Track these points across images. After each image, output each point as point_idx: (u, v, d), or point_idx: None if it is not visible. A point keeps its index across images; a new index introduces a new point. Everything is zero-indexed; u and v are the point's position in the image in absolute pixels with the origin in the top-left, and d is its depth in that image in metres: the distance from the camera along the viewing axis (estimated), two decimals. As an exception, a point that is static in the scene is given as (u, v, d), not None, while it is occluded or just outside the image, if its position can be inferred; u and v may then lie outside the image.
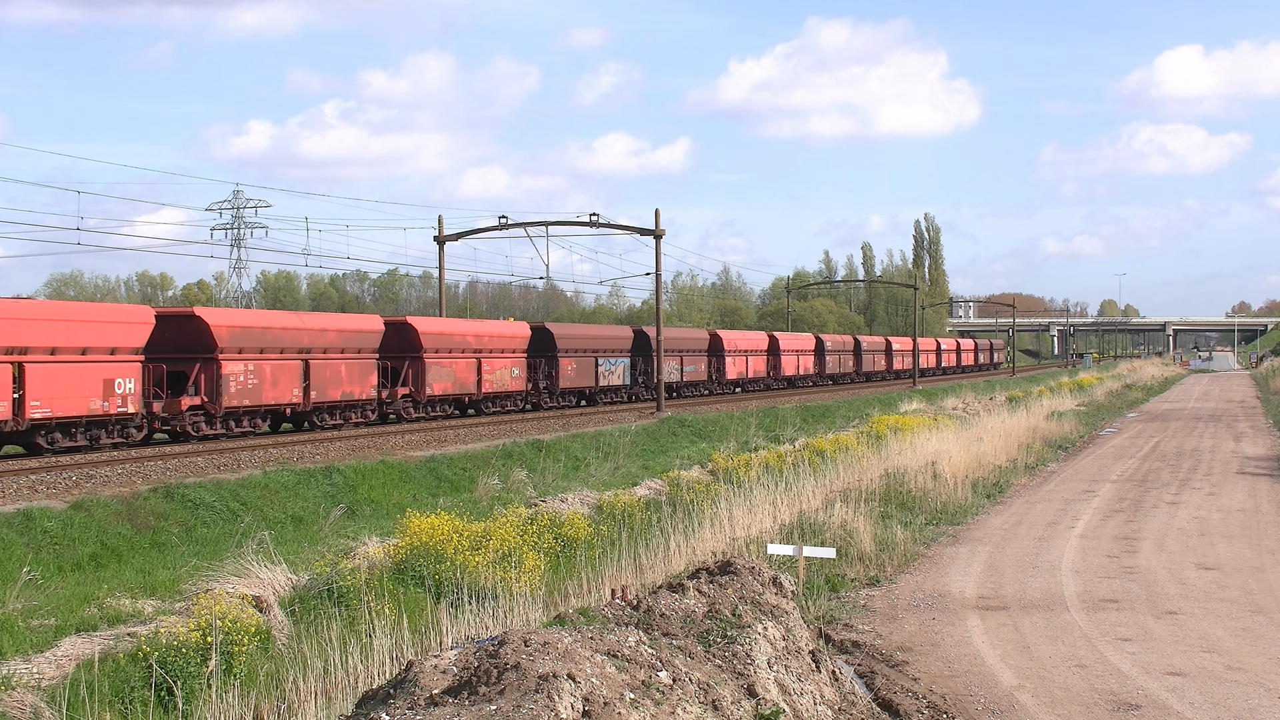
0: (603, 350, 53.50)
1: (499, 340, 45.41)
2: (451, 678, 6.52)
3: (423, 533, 15.29)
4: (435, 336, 41.50)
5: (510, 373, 45.59)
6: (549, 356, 48.96)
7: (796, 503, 20.07)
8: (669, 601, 9.19)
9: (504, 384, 45.04)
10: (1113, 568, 16.59)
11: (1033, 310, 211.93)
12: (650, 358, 55.39)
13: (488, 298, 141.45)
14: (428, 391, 40.56)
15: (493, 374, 44.35)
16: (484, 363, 43.87)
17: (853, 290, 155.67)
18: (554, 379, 49.00)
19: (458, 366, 42.38)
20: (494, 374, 44.45)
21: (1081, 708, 10.29)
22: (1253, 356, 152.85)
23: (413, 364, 40.39)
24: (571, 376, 50.18)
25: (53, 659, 11.92)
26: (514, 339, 46.46)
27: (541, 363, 48.43)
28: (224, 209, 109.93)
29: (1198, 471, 29.24)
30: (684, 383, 60.90)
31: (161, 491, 21.97)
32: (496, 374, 44.64)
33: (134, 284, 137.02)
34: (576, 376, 50.68)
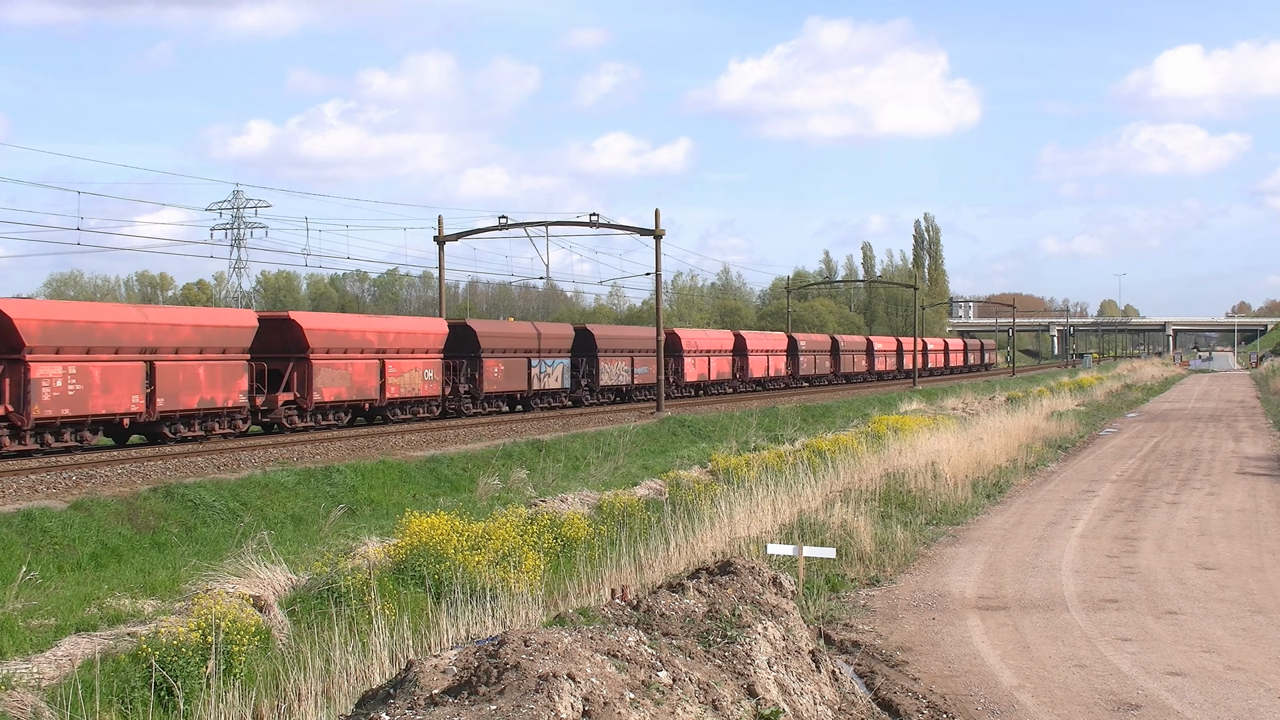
0: (537, 350, 48.64)
1: (408, 339, 40.83)
2: (451, 678, 6.52)
3: (423, 533, 15.29)
4: (325, 334, 36.85)
5: (422, 376, 40.93)
6: (471, 357, 44.53)
7: (796, 503, 20.07)
8: (669, 601, 9.19)
9: (414, 388, 40.45)
10: (1113, 568, 16.59)
11: (1033, 310, 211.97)
12: (595, 358, 52.41)
13: (488, 298, 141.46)
14: (316, 397, 35.73)
15: (399, 377, 39.70)
16: (389, 364, 39.24)
17: (853, 290, 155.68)
18: (477, 382, 44.48)
19: (355, 369, 37.68)
20: (401, 377, 39.81)
21: (1081, 708, 10.29)
22: (1253, 356, 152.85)
23: (298, 366, 35.46)
24: (498, 379, 45.63)
25: (53, 659, 11.91)
26: (427, 337, 41.91)
27: (464, 364, 44.11)
28: (224, 209, 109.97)
29: (1198, 471, 29.24)
30: (635, 385, 56.51)
31: (161, 491, 21.97)
32: (404, 377, 40.02)
33: (134, 284, 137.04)
34: (505, 379, 46.06)
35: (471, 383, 44.38)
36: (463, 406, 43.79)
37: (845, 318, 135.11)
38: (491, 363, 45.26)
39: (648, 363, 56.79)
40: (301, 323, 36.07)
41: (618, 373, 54.75)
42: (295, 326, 35.84)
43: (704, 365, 63.68)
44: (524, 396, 47.96)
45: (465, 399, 44.11)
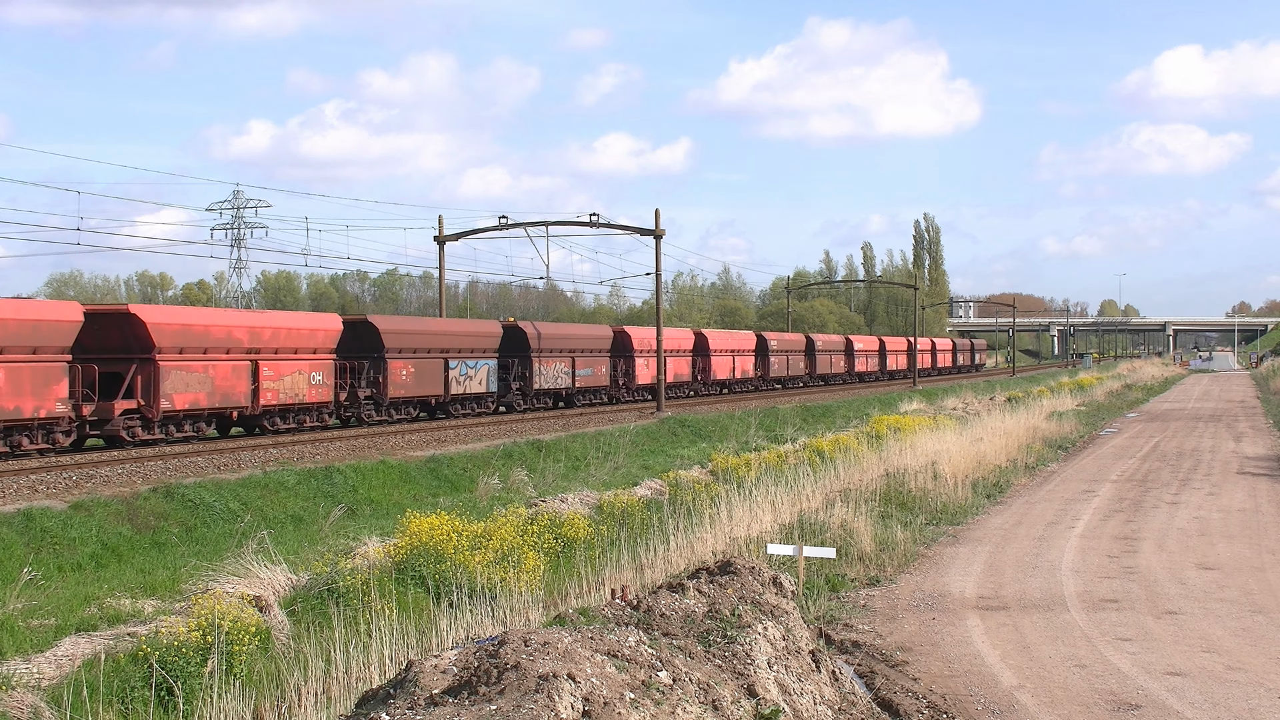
0: (456, 350, 43.43)
1: (290, 336, 35.29)
2: (451, 678, 6.52)
3: (423, 533, 15.30)
4: (177, 331, 31.42)
5: (308, 379, 35.53)
6: (374, 358, 39.40)
7: (796, 503, 20.07)
8: (669, 601, 9.19)
9: (297, 393, 35.02)
10: (1113, 568, 16.59)
11: (1033, 310, 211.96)
12: (528, 359, 47.44)
13: (488, 298, 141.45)
14: (165, 405, 30.43)
15: (278, 381, 34.27)
16: (264, 366, 33.83)
17: (853, 290, 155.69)
18: (381, 386, 39.27)
19: (218, 371, 32.12)
20: (280, 381, 34.37)
21: (1081, 708, 10.29)
22: (1253, 356, 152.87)
23: (141, 369, 30.15)
24: (407, 383, 40.38)
25: (53, 659, 11.92)
26: (315, 335, 36.49)
27: (365, 366, 38.99)
28: (224, 209, 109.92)
29: (1198, 471, 29.24)
30: (578, 389, 51.33)
31: (161, 491, 21.98)
32: (285, 381, 34.61)
33: (134, 284, 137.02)
34: (415, 383, 40.87)
35: (375, 387, 39.12)
36: (363, 413, 38.71)
37: (845, 318, 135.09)
38: (398, 364, 39.98)
39: (593, 363, 52.06)
40: (144, 317, 30.62)
41: (556, 375, 49.40)
42: (136, 322, 30.48)
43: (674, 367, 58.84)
44: (440, 402, 42.71)
45: (367, 405, 38.92)
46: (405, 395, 40.36)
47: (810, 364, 79.27)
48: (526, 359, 47.83)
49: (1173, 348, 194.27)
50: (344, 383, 37.73)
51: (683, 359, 61.37)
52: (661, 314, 51.13)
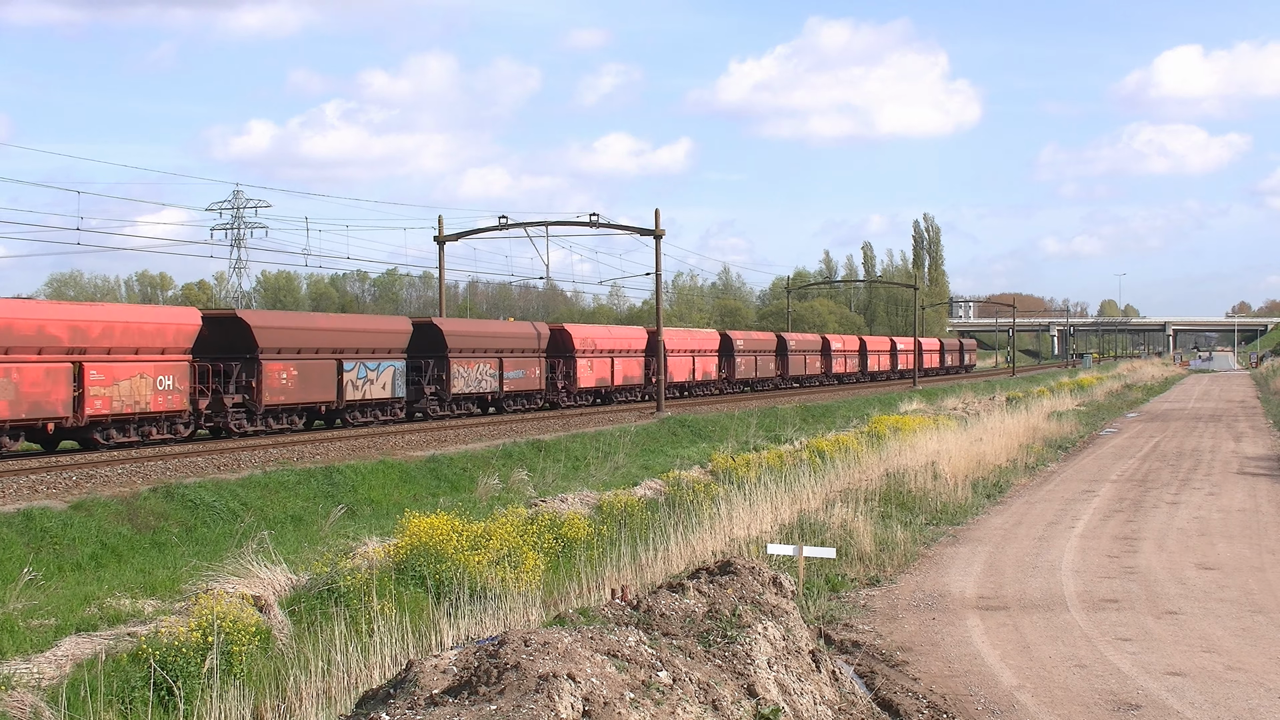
0: (354, 350, 38.08)
1: (130, 334, 29.96)
2: (451, 678, 6.52)
3: (423, 533, 15.29)
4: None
5: (154, 384, 30.30)
6: (246, 359, 33.82)
7: (796, 503, 20.07)
8: (669, 601, 9.19)
9: (139, 401, 29.80)
10: (1113, 568, 16.60)
11: (1033, 310, 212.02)
12: (445, 360, 42.50)
13: (488, 298, 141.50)
14: None
15: (112, 386, 29.01)
16: (92, 369, 28.47)
17: (853, 290, 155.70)
18: (254, 391, 33.84)
19: (25, 375, 26.69)
20: (115, 386, 29.13)
21: (1081, 708, 10.29)
22: (1253, 356, 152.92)
23: None
24: (287, 388, 34.88)
25: (53, 659, 11.92)
26: (163, 332, 31.07)
27: (236, 368, 33.46)
28: (224, 209, 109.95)
29: (1198, 471, 29.24)
30: (506, 393, 46.12)
31: (161, 491, 21.98)
32: (121, 386, 29.32)
33: (134, 284, 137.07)
34: (299, 387, 35.29)
35: (247, 392, 33.86)
36: (231, 423, 33.43)
37: (845, 318, 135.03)
38: (276, 366, 34.45)
39: (525, 365, 47.11)
40: None
41: (479, 378, 44.27)
42: None
43: (604, 368, 52.87)
44: (333, 409, 37.58)
45: (237, 413, 33.76)
46: (286, 402, 34.96)
47: (782, 365, 73.17)
48: (442, 360, 42.56)
49: (1173, 348, 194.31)
50: (207, 388, 32.46)
51: (633, 359, 55.84)
52: (662, 314, 51.08)
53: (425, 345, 42.28)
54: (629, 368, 55.34)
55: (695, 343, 62.91)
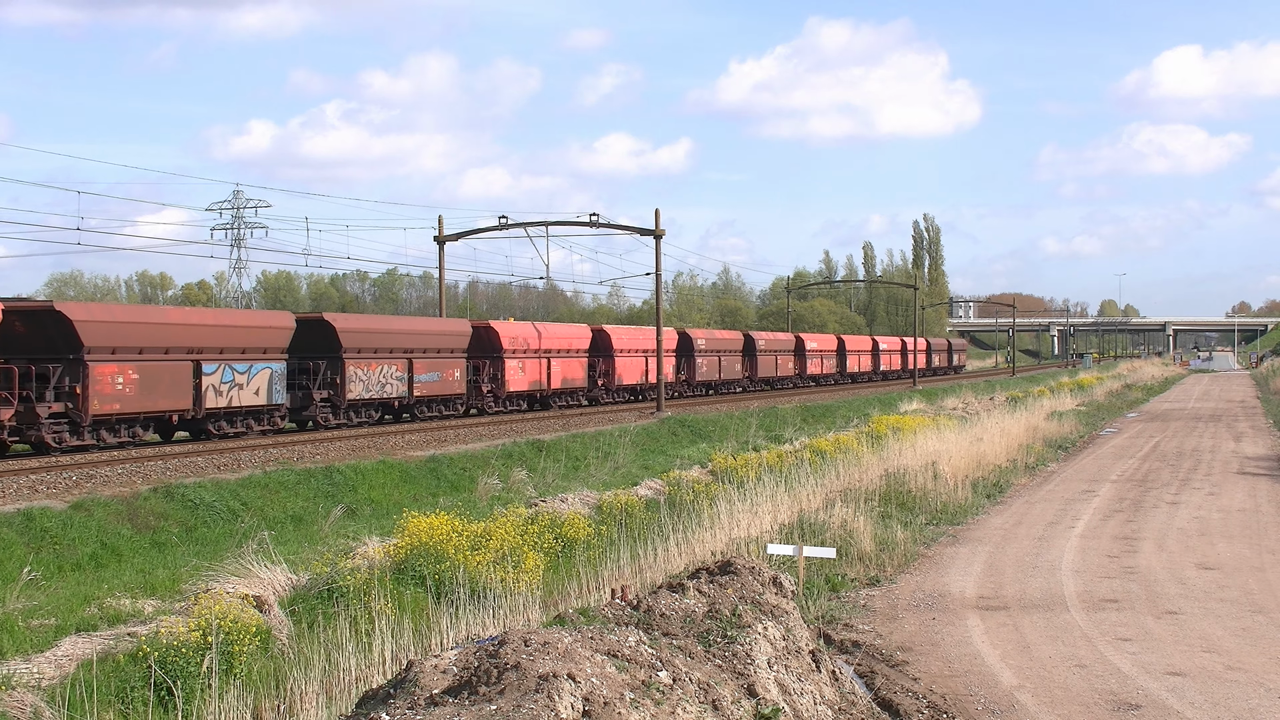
0: (217, 350, 32.45)
1: None
2: (451, 678, 6.52)
3: (422, 532, 15.30)
4: None
5: None
6: (70, 360, 28.39)
7: (796, 503, 20.07)
8: (669, 601, 9.19)
9: None
10: (1113, 567, 16.59)
11: (1033, 310, 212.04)
12: (339, 361, 36.81)
13: (488, 298, 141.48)
14: None
15: None
16: None
17: (853, 290, 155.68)
18: (80, 399, 28.27)
19: None
20: None
21: (1081, 708, 10.29)
22: (1253, 356, 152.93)
23: None
24: (126, 394, 29.33)
25: (53, 659, 11.92)
26: None
27: (57, 371, 28.16)
28: (224, 209, 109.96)
29: (1198, 471, 29.24)
30: (418, 399, 40.60)
31: (161, 491, 21.97)
32: None
33: (134, 284, 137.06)
34: (141, 394, 29.74)
35: (72, 399, 28.29)
36: (48, 436, 27.96)
37: (846, 317, 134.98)
38: (108, 369, 28.87)
39: (441, 367, 41.80)
40: None
41: (382, 381, 38.80)
42: None
43: (538, 369, 48.00)
44: (191, 419, 31.88)
45: (56, 425, 28.27)
46: (122, 411, 29.39)
47: (750, 366, 68.68)
48: (336, 361, 36.89)
49: (1173, 348, 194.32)
50: (13, 394, 27.07)
51: (574, 360, 50.89)
52: (662, 314, 51.05)
53: (315, 345, 36.69)
54: (569, 370, 50.22)
55: (648, 341, 55.83)
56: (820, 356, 79.34)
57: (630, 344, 55.81)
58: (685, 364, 61.80)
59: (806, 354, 76.47)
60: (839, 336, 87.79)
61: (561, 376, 49.60)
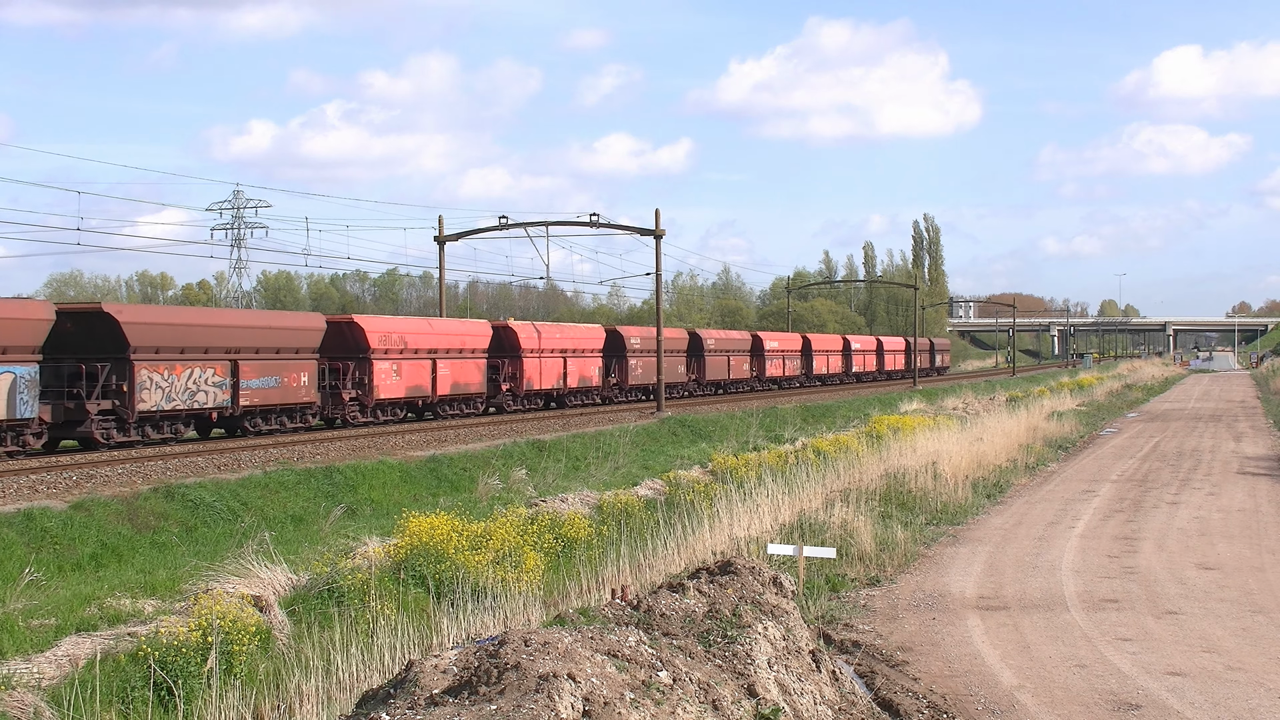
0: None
1: None
2: (452, 677, 6.52)
3: (423, 532, 15.30)
4: None
5: None
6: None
7: (797, 503, 20.07)
8: (669, 601, 9.19)
9: None
10: (1113, 568, 16.59)
11: (1033, 310, 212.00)
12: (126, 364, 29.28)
13: (488, 298, 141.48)
14: None
15: None
16: None
17: (853, 290, 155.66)
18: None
19: None
20: None
21: (1081, 708, 10.29)
22: (1253, 356, 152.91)
23: None
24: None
25: (53, 659, 11.92)
26: None
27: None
28: (224, 209, 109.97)
29: (1198, 471, 29.24)
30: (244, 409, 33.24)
31: (162, 491, 21.97)
32: None
33: (134, 284, 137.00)
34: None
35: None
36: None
37: (845, 318, 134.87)
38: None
39: (281, 370, 34.48)
40: None
41: (191, 388, 31.24)
42: None
43: (421, 372, 40.82)
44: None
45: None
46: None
47: (697, 368, 62.48)
48: (124, 364, 29.67)
49: (1173, 348, 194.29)
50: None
51: (469, 362, 43.79)
52: (662, 314, 51.05)
53: (92, 343, 29.76)
54: (463, 372, 43.03)
55: (574, 340, 50.96)
56: (782, 357, 74.18)
57: (547, 344, 50.50)
58: (695, 364, 61.34)
59: (766, 354, 71.29)
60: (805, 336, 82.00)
61: (454, 380, 42.84)
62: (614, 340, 55.43)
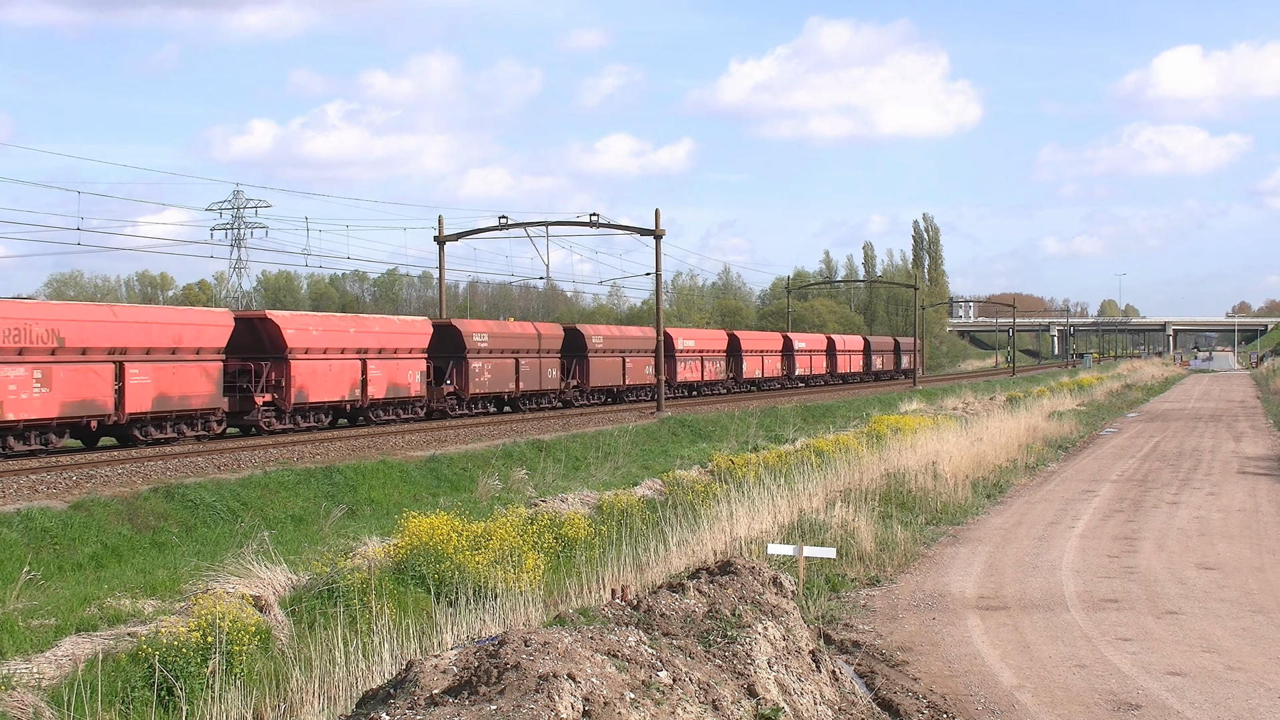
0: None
1: None
2: (452, 678, 6.52)
3: (423, 532, 15.29)
4: None
5: None
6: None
7: (797, 503, 20.06)
8: (669, 601, 9.19)
9: None
10: (1113, 567, 16.59)
11: (1033, 310, 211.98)
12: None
13: (488, 298, 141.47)
14: None
15: None
16: None
17: (853, 290, 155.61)
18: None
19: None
20: None
21: (1081, 708, 10.29)
22: (1253, 356, 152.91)
23: None
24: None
25: (53, 659, 11.92)
26: None
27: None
28: (224, 209, 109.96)
29: (1198, 471, 29.24)
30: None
31: (162, 491, 21.97)
32: None
33: (134, 284, 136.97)
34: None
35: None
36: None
37: (845, 317, 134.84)
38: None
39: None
40: None
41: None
42: None
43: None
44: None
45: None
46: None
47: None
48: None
49: (1173, 348, 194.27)
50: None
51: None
52: (662, 314, 51.02)
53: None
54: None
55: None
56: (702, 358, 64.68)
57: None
58: (576, 368, 52.06)
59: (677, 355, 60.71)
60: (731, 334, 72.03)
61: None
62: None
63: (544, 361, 48.47)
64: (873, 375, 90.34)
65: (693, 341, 62.27)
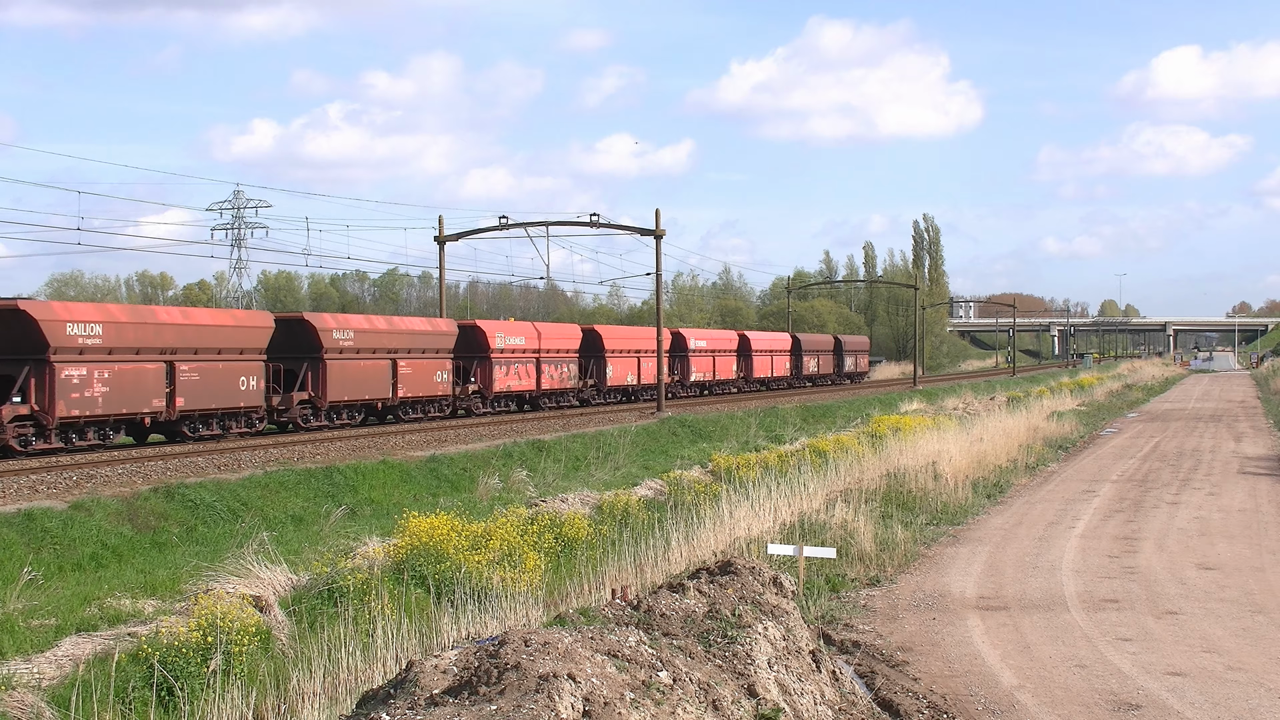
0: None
1: None
2: (452, 678, 6.52)
3: (423, 532, 15.29)
4: None
5: None
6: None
7: (797, 503, 20.07)
8: (669, 601, 9.19)
9: None
10: (1113, 568, 16.59)
11: (1033, 310, 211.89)
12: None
13: (488, 298, 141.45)
14: None
15: None
16: None
17: (853, 290, 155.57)
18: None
19: None
20: None
21: (1082, 708, 10.29)
22: (1253, 356, 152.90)
23: None
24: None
25: (53, 659, 11.92)
26: None
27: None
28: (224, 209, 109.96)
29: (1198, 471, 29.23)
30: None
31: (162, 491, 21.96)
32: None
33: (134, 284, 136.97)
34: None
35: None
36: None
37: (846, 318, 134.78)
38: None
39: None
40: None
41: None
42: None
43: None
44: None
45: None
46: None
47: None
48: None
49: (1173, 348, 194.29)
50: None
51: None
52: (662, 314, 50.98)
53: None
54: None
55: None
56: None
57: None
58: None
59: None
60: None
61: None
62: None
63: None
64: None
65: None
